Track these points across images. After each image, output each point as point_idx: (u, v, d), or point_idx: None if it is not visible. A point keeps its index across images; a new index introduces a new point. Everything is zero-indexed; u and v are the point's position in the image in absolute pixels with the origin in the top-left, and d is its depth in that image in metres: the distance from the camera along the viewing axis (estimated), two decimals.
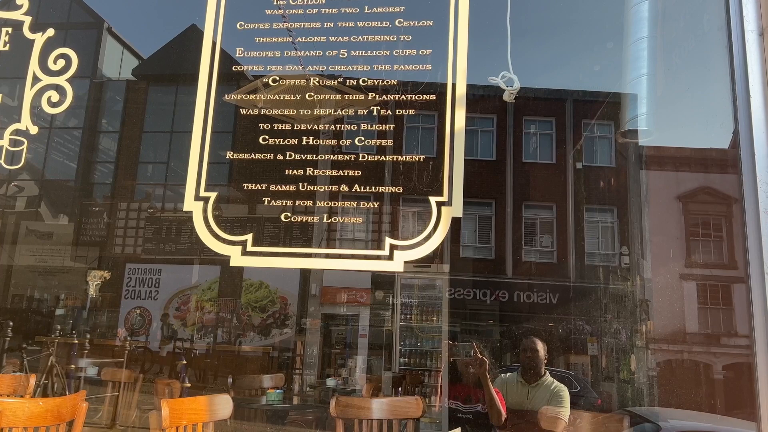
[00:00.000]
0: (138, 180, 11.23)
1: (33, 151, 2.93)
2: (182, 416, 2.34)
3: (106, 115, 11.59)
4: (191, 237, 9.48)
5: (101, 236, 10.52)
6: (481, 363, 3.38)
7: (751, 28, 2.01)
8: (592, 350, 9.98)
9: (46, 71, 2.85)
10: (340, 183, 2.48)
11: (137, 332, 10.11)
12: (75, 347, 6.26)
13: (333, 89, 2.63)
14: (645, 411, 6.10)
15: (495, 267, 12.52)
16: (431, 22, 2.56)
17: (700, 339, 9.76)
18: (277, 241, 2.62)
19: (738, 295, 7.74)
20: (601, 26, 4.24)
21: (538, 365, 3.56)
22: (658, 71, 3.43)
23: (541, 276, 12.39)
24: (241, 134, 2.61)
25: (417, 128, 3.08)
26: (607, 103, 8.49)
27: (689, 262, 9.49)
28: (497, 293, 12.07)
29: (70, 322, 9.24)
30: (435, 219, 2.35)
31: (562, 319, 11.24)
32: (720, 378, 9.41)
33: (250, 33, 2.64)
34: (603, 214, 12.12)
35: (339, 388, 7.14)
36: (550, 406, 3.38)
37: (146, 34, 9.99)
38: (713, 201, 9.38)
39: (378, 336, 10.62)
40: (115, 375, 5.05)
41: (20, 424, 2.12)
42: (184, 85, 8.61)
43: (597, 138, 12.68)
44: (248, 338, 10.11)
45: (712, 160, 6.79)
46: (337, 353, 10.59)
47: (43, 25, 2.95)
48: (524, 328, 11.50)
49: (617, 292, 9.90)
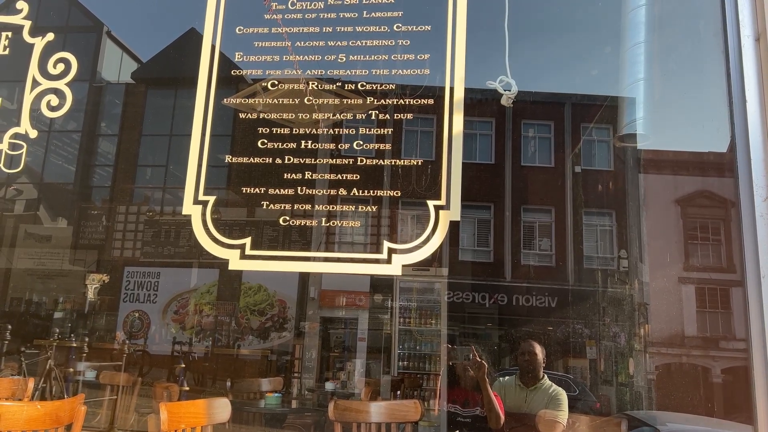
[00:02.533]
0: (137, 183, 11.23)
1: (32, 154, 2.93)
2: (181, 419, 2.34)
3: (105, 119, 11.59)
4: (190, 240, 9.48)
5: (100, 239, 10.51)
6: (479, 366, 3.38)
7: (747, 33, 2.02)
8: (591, 354, 9.98)
9: (45, 75, 2.86)
10: (338, 187, 2.49)
11: (136, 335, 10.09)
12: (73, 350, 6.24)
13: (332, 93, 2.65)
14: (643, 414, 6.10)
15: (494, 270, 12.52)
16: (429, 27, 2.57)
17: (699, 342, 9.76)
18: (276, 244, 2.62)
19: (736, 298, 7.75)
20: (598, 31, 4.26)
21: (537, 369, 3.56)
22: (655, 76, 3.45)
23: (539, 279, 12.39)
24: (240, 138, 2.62)
25: (415, 132, 3.09)
26: (605, 107, 8.51)
27: (687, 265, 9.50)
28: (496, 296, 12.07)
29: (69, 325, 9.22)
30: (433, 223, 2.36)
31: (560, 323, 11.24)
32: (718, 381, 9.41)
33: (250, 37, 2.65)
34: (601, 217, 12.13)
35: (337, 391, 7.14)
36: (548, 410, 3.39)
37: (145, 38, 9.99)
38: (711, 205, 9.39)
39: (376, 339, 10.61)
40: (113, 378, 5.05)
41: (19, 428, 2.12)
42: (183, 88, 8.61)
43: (595, 141, 12.70)
44: (247, 341, 10.10)
45: (709, 163, 6.81)
46: (335, 356, 10.59)
47: (43, 29, 2.96)
48: (523, 332, 11.50)
49: (615, 295, 9.91)
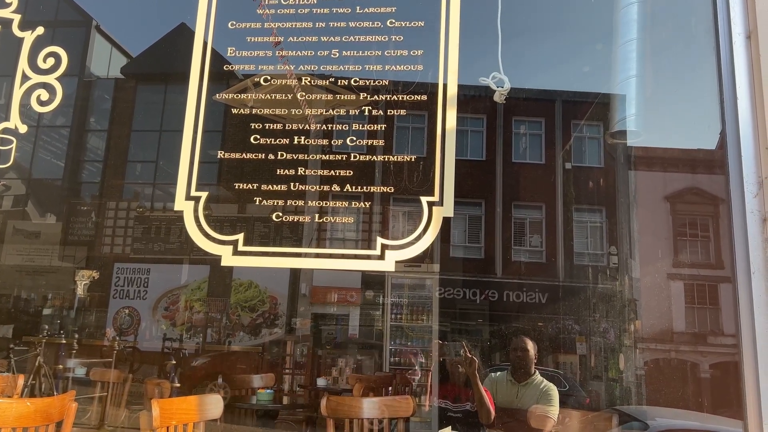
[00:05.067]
0: (126, 179, 11.16)
1: (20, 149, 2.90)
2: (173, 416, 2.33)
3: (95, 114, 11.51)
4: (180, 236, 9.44)
5: (89, 236, 10.45)
6: (470, 362, 3.39)
7: (738, 31, 2.03)
8: (581, 349, 10.04)
9: (35, 69, 2.83)
10: (331, 183, 2.48)
11: (126, 332, 10.04)
12: (63, 347, 6.21)
13: (324, 89, 2.64)
14: (633, 409, 6.15)
15: (485, 267, 12.56)
16: (422, 22, 2.57)
17: (687, 338, 9.85)
18: (268, 240, 2.61)
19: (724, 294, 7.82)
20: (590, 28, 4.27)
21: (528, 364, 3.58)
22: (647, 73, 3.46)
23: (530, 276, 12.45)
24: (232, 133, 2.60)
25: (408, 128, 3.08)
26: (596, 104, 8.54)
27: (677, 261, 9.58)
28: (487, 293, 12.11)
29: (58, 322, 9.17)
30: (426, 219, 2.36)
31: (551, 319, 11.30)
32: (707, 377, 9.50)
33: (242, 32, 2.63)
34: (592, 214, 12.20)
35: (329, 387, 7.14)
36: (539, 405, 3.40)
37: (135, 33, 9.93)
38: (700, 201, 9.47)
39: (368, 335, 10.62)
40: (103, 375, 5.03)
41: (8, 425, 2.11)
42: (174, 83, 8.57)
43: (586, 138, 12.76)
44: (238, 338, 10.08)
45: (699, 161, 6.87)
46: (327, 353, 10.59)
47: (32, 23, 2.93)
48: (514, 328, 11.54)
49: (606, 291, 9.96)
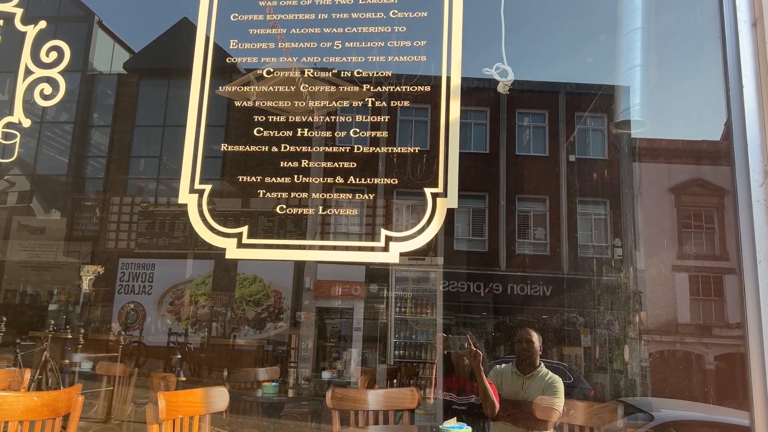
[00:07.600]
0: (130, 174, 11.18)
1: (24, 146, 2.91)
2: (179, 409, 2.34)
3: (98, 109, 11.52)
4: (185, 231, 9.46)
5: (94, 231, 10.48)
6: (474, 355, 3.39)
7: (743, 18, 2.01)
8: (586, 341, 10.03)
9: (38, 64, 2.83)
10: (334, 175, 2.48)
11: (131, 327, 10.09)
12: (68, 342, 6.25)
13: (327, 81, 2.63)
14: (638, 401, 6.15)
15: (488, 259, 12.55)
16: (425, 13, 2.55)
17: (692, 330, 9.83)
18: (272, 233, 2.61)
19: (729, 286, 7.80)
20: (594, 18, 4.25)
21: (533, 356, 3.57)
22: (651, 62, 3.44)
23: (534, 268, 12.44)
24: (235, 127, 2.60)
25: (411, 120, 3.07)
26: (599, 95, 8.50)
27: (681, 253, 9.55)
28: (491, 285, 12.11)
29: (64, 317, 9.21)
30: (430, 210, 2.35)
31: (555, 311, 11.30)
32: (712, 368, 9.49)
33: (245, 25, 2.62)
34: (596, 206, 12.17)
35: (334, 380, 7.16)
36: (545, 397, 3.41)
37: (137, 28, 9.92)
38: (705, 193, 9.44)
39: (372, 329, 10.64)
40: (109, 369, 5.05)
41: (16, 418, 2.12)
42: (176, 78, 8.56)
43: (590, 130, 12.71)
44: (243, 332, 10.11)
45: (703, 152, 6.83)
46: (331, 346, 10.62)
47: (35, 17, 2.92)
48: (518, 320, 11.55)
49: (610, 283, 9.96)
